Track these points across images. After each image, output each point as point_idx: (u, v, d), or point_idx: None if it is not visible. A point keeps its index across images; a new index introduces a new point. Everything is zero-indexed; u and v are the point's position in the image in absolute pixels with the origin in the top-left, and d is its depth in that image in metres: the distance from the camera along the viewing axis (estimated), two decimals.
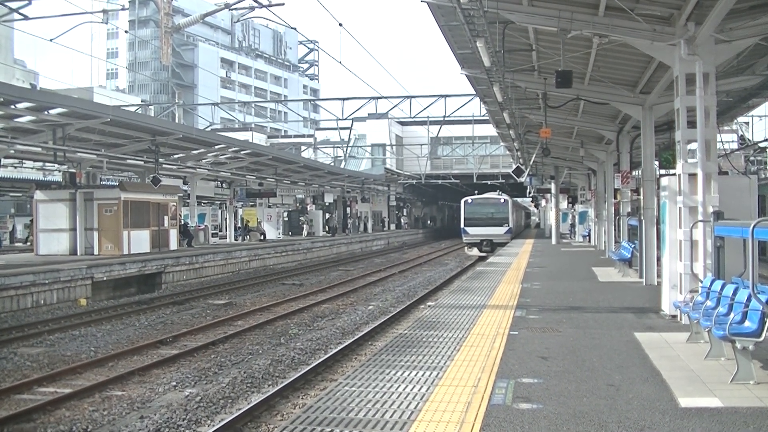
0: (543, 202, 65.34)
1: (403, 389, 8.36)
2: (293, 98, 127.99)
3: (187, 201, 40.10)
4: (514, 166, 35.41)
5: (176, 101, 63.39)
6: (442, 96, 57.62)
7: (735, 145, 40.49)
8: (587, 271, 23.59)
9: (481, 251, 45.78)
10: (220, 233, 50.76)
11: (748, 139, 43.48)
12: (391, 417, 7.28)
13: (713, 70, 12.26)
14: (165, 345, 16.20)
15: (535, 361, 9.68)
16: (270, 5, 28.48)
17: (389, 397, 8.00)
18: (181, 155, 33.70)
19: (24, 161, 35.24)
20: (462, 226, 48.40)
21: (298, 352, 15.43)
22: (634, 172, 25.28)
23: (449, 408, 7.54)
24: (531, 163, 38.26)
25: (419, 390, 8.31)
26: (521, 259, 28.98)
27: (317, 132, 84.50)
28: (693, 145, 12.99)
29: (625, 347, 10.61)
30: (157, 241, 30.70)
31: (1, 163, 26.76)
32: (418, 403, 7.74)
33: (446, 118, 59.34)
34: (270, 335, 17.52)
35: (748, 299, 8.56)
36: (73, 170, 27.97)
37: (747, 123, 48.55)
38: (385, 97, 58.42)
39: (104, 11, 26.70)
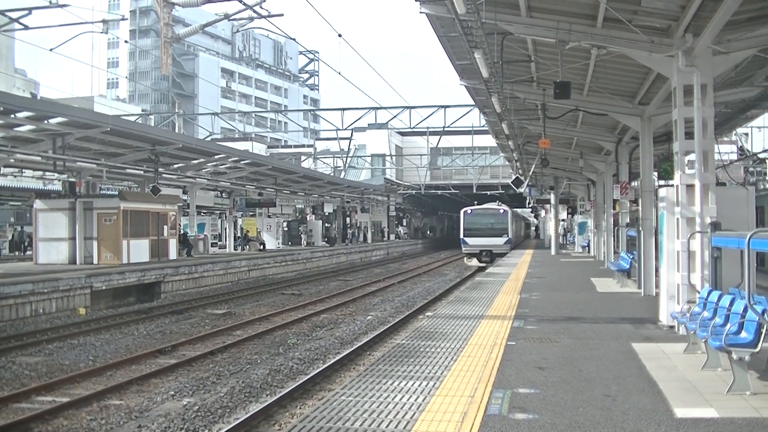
0: (543, 213, 65.38)
1: (400, 399, 8.37)
2: (293, 108, 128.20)
3: (187, 210, 40.11)
4: (514, 177, 35.46)
5: (176, 111, 63.53)
6: (441, 106, 57.75)
7: (734, 156, 40.58)
8: (586, 282, 23.59)
9: (480, 262, 45.76)
10: (219, 243, 50.74)
11: (747, 150, 43.56)
12: (387, 427, 7.29)
13: (711, 82, 12.30)
14: (163, 354, 16.20)
15: (532, 372, 9.69)
16: (269, 16, 28.61)
17: (386, 407, 8.01)
18: (180, 165, 33.75)
19: (24, 170, 35.29)
20: (461, 236, 48.39)
21: (296, 361, 15.43)
22: (633, 183, 25.30)
23: (445, 418, 7.55)
24: (530, 173, 38.30)
25: (416, 400, 8.32)
26: (520, 270, 28.98)
27: (317, 142, 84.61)
28: (691, 156, 13.02)
29: (623, 358, 10.62)
30: (157, 250, 30.69)
31: (1, 172, 26.76)
32: (415, 413, 7.75)
33: (446, 129, 59.44)
34: (269, 345, 17.52)
35: (745, 310, 8.58)
36: (72, 179, 27.99)
37: (746, 134, 48.68)
38: (385, 108, 58.51)
39: (104, 21, 26.75)
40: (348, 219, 64.85)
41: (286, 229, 55.00)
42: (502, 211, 49.54)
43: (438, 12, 14.06)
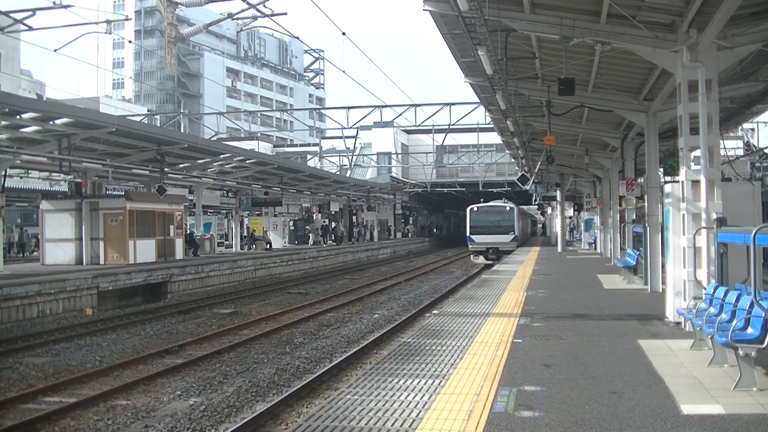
0: (549, 210, 65.28)
1: (406, 397, 8.37)
2: (299, 107, 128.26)
3: (193, 210, 40.17)
4: (520, 174, 35.43)
5: (182, 111, 63.63)
6: (447, 104, 57.48)
7: (740, 152, 40.46)
8: (592, 279, 23.56)
9: (487, 259, 45.71)
10: (225, 242, 50.82)
11: (753, 146, 43.42)
12: (392, 426, 7.28)
13: (716, 77, 12.26)
14: (170, 354, 16.21)
15: (538, 369, 9.68)
16: (273, 15, 28.62)
17: (391, 406, 8.01)
18: (186, 164, 33.76)
19: (30, 171, 35.35)
20: (468, 234, 48.38)
21: (303, 360, 15.42)
22: (639, 179, 25.25)
23: (451, 416, 7.54)
24: (536, 170, 38.24)
25: (421, 398, 8.32)
26: (527, 267, 28.95)
27: (323, 141, 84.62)
28: (697, 152, 12.98)
29: (629, 354, 10.60)
30: (163, 250, 30.76)
31: (8, 173, 26.81)
32: (420, 412, 7.75)
33: (451, 126, 59.26)
34: (275, 344, 17.52)
35: (751, 306, 8.55)
36: (78, 180, 28.06)
37: (752, 129, 48.49)
38: (390, 106, 58.39)
39: (108, 21, 26.78)
40: (354, 217, 64.87)
41: (292, 228, 55.03)
42: (508, 208, 49.48)
43: (441, 9, 14.05)
